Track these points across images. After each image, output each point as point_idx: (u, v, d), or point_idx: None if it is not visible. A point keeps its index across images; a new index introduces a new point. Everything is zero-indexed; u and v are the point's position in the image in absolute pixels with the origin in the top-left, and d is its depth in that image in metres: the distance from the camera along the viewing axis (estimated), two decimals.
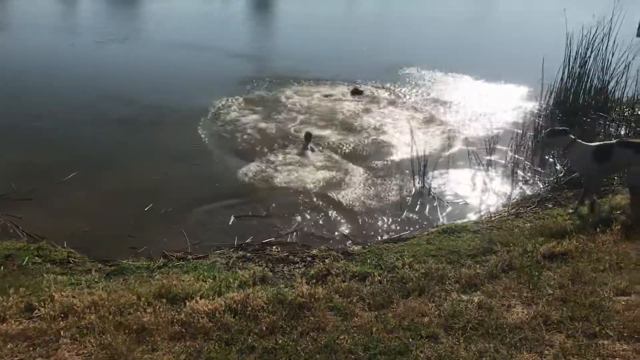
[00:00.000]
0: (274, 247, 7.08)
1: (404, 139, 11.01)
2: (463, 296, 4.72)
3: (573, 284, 4.76)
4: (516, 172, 9.79)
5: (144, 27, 25.47)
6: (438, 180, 9.52)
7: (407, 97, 14.95)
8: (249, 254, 6.33)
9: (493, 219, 7.78)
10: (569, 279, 4.85)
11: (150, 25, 25.86)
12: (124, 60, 18.26)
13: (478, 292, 4.82)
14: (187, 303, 4.55)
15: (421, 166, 9.54)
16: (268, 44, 23.78)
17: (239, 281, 5.13)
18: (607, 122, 12.54)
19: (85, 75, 15.65)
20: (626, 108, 13.38)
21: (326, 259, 6.01)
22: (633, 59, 13.10)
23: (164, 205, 8.08)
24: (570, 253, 5.41)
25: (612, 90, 13.36)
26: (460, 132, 11.99)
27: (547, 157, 10.46)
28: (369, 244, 7.05)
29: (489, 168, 9.83)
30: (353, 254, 6.16)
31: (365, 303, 4.65)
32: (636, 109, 13.24)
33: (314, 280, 5.15)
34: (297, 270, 5.67)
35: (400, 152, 10.45)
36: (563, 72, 13.32)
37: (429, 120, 12.78)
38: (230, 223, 7.76)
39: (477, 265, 5.42)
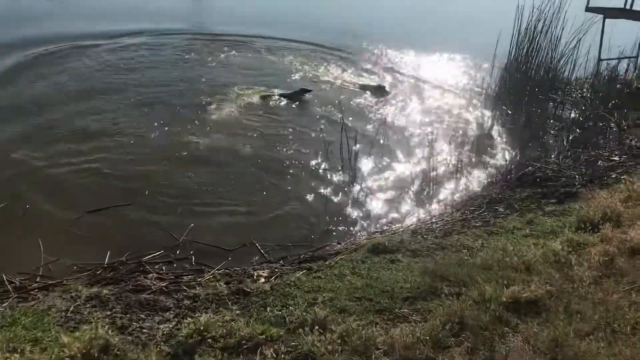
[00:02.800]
0: (157, 266, 5.41)
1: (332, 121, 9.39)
2: None
3: None
4: (460, 164, 8.38)
5: None
6: (371, 173, 8.00)
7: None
8: (105, 292, 4.53)
9: (435, 227, 6.32)
10: (545, 352, 3.38)
11: None
12: None
13: None
14: None
15: (351, 155, 7.96)
16: None
17: None
18: (556, 104, 11.38)
19: None
20: (575, 89, 12.29)
21: (212, 302, 4.32)
22: (584, 35, 11.97)
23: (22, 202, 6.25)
24: (540, 301, 3.96)
25: (562, 68, 12.21)
26: (399, 117, 10.46)
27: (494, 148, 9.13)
28: (279, 267, 5.44)
29: (431, 159, 8.38)
30: (251, 293, 4.48)
31: None
32: (585, 91, 12.17)
33: (181, 352, 3.46)
34: (163, 326, 3.94)
35: (327, 137, 8.76)
36: (512, 49, 12.03)
37: (366, 104, 11.18)
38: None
39: (418, 320, 3.88)
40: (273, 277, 5.03)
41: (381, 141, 9.07)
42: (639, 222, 5.19)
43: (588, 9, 13.53)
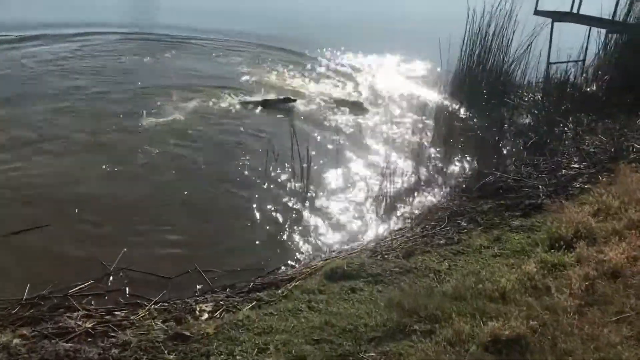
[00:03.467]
0: (86, 300, 4.75)
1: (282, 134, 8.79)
2: None
3: None
4: (418, 174, 7.96)
5: None
6: (326, 186, 7.47)
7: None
8: (16, 342, 3.78)
9: (396, 245, 5.83)
10: None
11: None
12: None
13: None
14: None
15: (304, 168, 7.41)
16: None
17: None
18: (510, 109, 11.16)
19: None
20: (526, 93, 12.14)
21: (145, 353, 3.65)
22: (535, 38, 11.84)
23: None
24: (524, 339, 3.49)
25: (514, 72, 12.04)
26: (354, 126, 9.96)
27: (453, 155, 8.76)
28: (225, 298, 4.83)
29: (388, 170, 7.93)
30: (191, 338, 3.83)
31: None
32: (536, 95, 12.03)
33: None
34: None
35: (278, 148, 8.14)
36: (464, 53, 11.77)
37: (316, 111, 10.62)
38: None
39: None
40: (218, 312, 4.42)
41: (336, 152, 8.56)
42: (614, 239, 4.83)
43: (537, 12, 13.47)
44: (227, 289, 5.16)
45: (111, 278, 5.21)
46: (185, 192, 6.91)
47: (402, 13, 24.92)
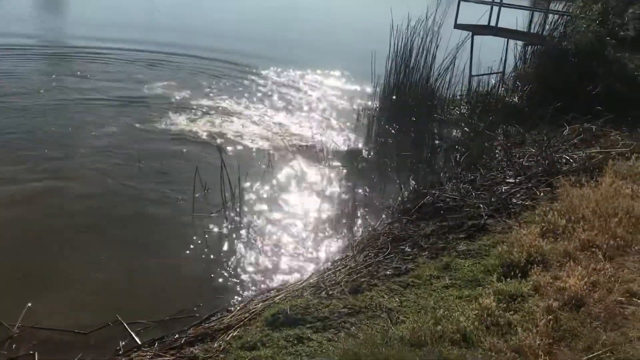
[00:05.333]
0: None
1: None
2: None
3: None
4: (354, 197, 7.59)
5: None
6: (259, 217, 6.95)
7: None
8: None
9: (339, 278, 5.41)
10: None
11: None
12: None
13: None
14: None
15: (235, 195, 6.87)
16: None
17: None
18: (439, 124, 11.11)
19: None
20: (452, 107, 12.17)
21: None
22: (458, 52, 11.93)
23: None
24: None
25: (440, 86, 12.04)
26: (281, 144, 9.48)
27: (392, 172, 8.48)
28: (154, 357, 4.20)
29: (323, 195, 7.52)
30: None
31: None
32: (462, 109, 12.08)
33: None
34: None
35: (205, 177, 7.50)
36: (390, 69, 11.65)
37: (242, 129, 10.08)
38: None
39: None
40: None
41: (269, 178, 8.06)
42: (569, 264, 4.62)
43: (457, 26, 13.66)
44: (156, 344, 4.56)
45: (14, 344, 4.44)
46: (103, 228, 6.19)
47: (332, 26, 24.87)
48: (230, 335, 4.46)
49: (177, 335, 4.65)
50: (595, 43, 11.01)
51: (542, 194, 6.81)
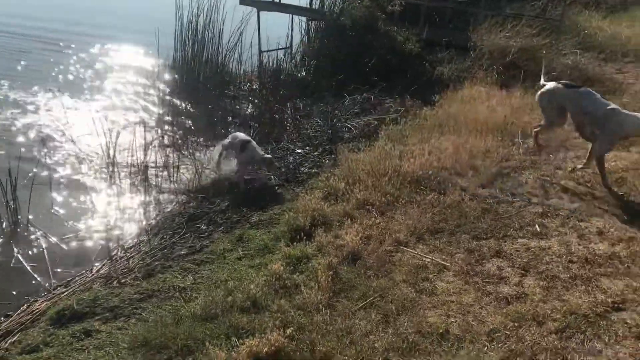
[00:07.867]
0: None
1: None
2: None
3: None
4: (147, 181, 7.32)
5: None
6: (37, 208, 6.31)
7: None
8: None
9: (132, 264, 5.27)
10: None
11: None
12: None
13: None
14: None
15: (11, 185, 6.16)
16: None
17: None
18: (231, 100, 11.15)
19: None
20: (244, 83, 12.30)
21: None
22: (244, 27, 12.05)
23: None
24: (283, 352, 3.31)
25: (229, 63, 12.09)
26: (64, 128, 8.69)
27: (186, 151, 8.31)
28: None
29: (112, 178, 7.13)
30: None
31: None
32: (254, 85, 12.28)
33: None
34: None
35: None
36: (178, 45, 11.35)
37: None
38: None
39: None
40: None
41: (45, 161, 7.38)
42: (347, 222, 5.03)
43: (242, 2, 13.70)
44: None
45: None
46: None
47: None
48: (9, 341, 4.07)
49: None
50: (368, 17, 11.89)
51: (326, 161, 7.28)
